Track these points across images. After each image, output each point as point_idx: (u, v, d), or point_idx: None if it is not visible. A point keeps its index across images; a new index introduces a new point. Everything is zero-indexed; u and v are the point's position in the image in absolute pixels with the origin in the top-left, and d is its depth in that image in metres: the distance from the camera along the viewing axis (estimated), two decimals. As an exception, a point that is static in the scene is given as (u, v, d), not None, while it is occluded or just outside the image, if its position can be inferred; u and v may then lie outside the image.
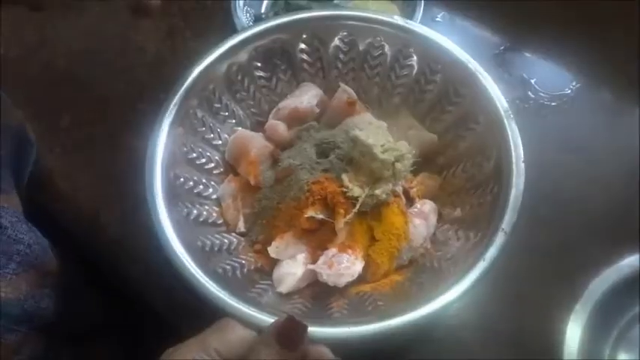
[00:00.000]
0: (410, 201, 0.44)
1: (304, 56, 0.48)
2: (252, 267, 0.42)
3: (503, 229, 0.36)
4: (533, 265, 0.46)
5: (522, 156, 0.39)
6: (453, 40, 0.45)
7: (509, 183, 0.39)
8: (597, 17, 0.60)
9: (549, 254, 0.47)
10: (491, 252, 0.36)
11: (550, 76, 0.58)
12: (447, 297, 0.35)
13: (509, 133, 0.40)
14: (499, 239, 0.36)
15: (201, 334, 0.32)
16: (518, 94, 0.57)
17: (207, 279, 0.36)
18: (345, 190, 0.40)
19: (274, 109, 0.48)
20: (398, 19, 0.45)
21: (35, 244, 0.41)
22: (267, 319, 0.34)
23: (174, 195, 0.40)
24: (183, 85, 0.43)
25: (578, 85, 0.57)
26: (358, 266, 0.40)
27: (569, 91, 0.57)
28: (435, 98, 0.46)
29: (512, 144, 0.40)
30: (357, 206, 0.40)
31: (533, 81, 0.58)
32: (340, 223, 0.40)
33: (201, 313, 0.35)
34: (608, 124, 0.55)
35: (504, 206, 0.38)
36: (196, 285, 0.36)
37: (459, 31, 0.61)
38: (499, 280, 0.42)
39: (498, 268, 0.36)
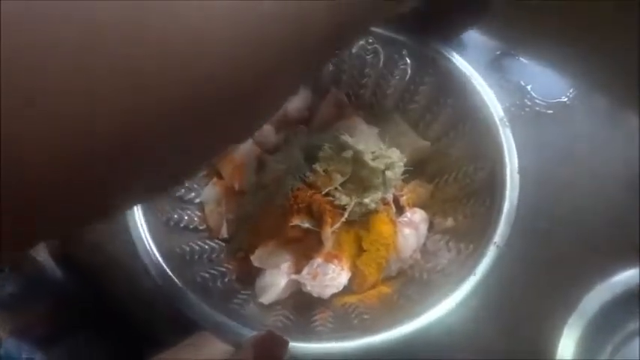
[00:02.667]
0: (400, 209, 0.42)
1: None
2: (234, 276, 0.40)
3: (495, 242, 0.35)
4: (527, 278, 0.44)
5: (517, 167, 0.38)
6: (448, 44, 0.43)
7: (502, 195, 0.37)
8: (596, 21, 0.58)
9: (544, 267, 0.45)
10: (483, 266, 0.34)
11: (547, 82, 0.56)
12: (436, 312, 0.33)
13: (504, 142, 0.39)
14: (491, 253, 0.35)
15: (173, 349, 0.30)
16: (514, 101, 0.55)
17: (186, 288, 0.34)
18: (332, 198, 0.39)
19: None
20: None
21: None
22: (249, 332, 0.33)
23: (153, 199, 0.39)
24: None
25: (575, 92, 0.56)
26: (344, 277, 0.38)
27: (567, 99, 0.55)
28: (428, 103, 0.45)
29: (506, 154, 0.38)
30: (345, 215, 0.38)
31: (529, 87, 0.56)
32: (327, 232, 0.38)
33: (183, 325, 0.33)
34: (607, 133, 0.54)
35: (497, 219, 0.36)
36: (175, 294, 0.34)
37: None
38: (491, 294, 0.40)
39: (490, 282, 0.35)
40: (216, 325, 0.33)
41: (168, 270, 0.34)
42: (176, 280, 0.34)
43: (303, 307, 0.39)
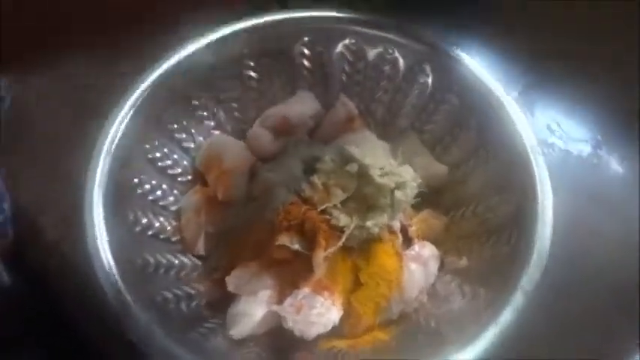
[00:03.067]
0: (407, 241, 0.36)
1: (304, 61, 0.42)
2: (203, 301, 0.34)
3: (522, 287, 0.29)
4: (549, 338, 0.38)
5: (551, 200, 0.32)
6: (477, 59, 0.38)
7: (533, 232, 0.31)
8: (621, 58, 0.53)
9: (569, 327, 0.38)
10: (507, 315, 0.28)
11: (577, 120, 0.51)
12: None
13: (536, 172, 0.33)
14: (517, 300, 0.28)
15: None
16: (542, 139, 0.50)
17: (136, 306, 0.28)
18: (329, 217, 0.33)
19: (261, 116, 0.41)
20: (415, 28, 0.39)
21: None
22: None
23: (121, 197, 0.33)
24: (157, 69, 0.37)
25: (607, 132, 0.50)
26: (334, 314, 0.32)
27: (598, 139, 0.50)
28: (449, 124, 0.40)
29: (539, 186, 0.33)
30: (343, 238, 0.32)
31: (558, 125, 0.51)
32: (319, 257, 0.32)
33: (132, 347, 0.27)
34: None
35: (525, 260, 0.30)
36: (123, 311, 0.28)
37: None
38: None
39: (514, 337, 0.28)
40: (168, 357, 0.26)
41: (119, 280, 0.28)
42: (126, 294, 0.27)
43: (280, 347, 0.32)
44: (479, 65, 0.38)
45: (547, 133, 0.50)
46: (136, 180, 0.35)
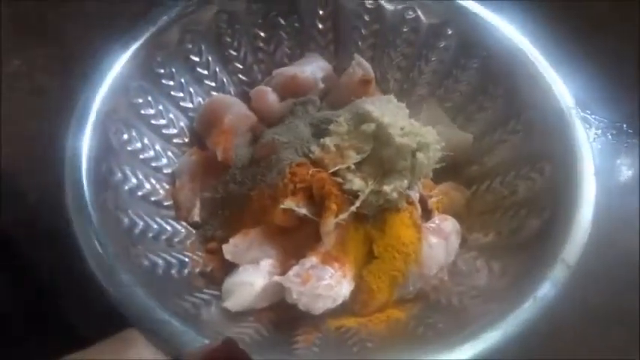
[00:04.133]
0: (427, 214, 0.32)
1: (316, 21, 0.38)
2: (198, 269, 0.30)
3: (564, 259, 0.25)
4: (581, 335, 0.34)
5: (593, 167, 0.28)
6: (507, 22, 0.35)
7: (572, 202, 0.27)
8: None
9: (606, 316, 0.34)
10: (547, 288, 0.24)
11: (605, 102, 0.48)
12: (473, 346, 0.22)
13: (575, 135, 0.30)
14: (559, 273, 0.24)
15: (92, 348, 0.21)
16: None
17: (120, 266, 0.24)
18: (341, 180, 0.29)
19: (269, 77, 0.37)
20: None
21: None
22: (199, 341, 0.22)
23: (107, 152, 0.29)
24: (156, 21, 0.33)
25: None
26: (345, 288, 0.28)
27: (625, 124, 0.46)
28: (473, 92, 0.36)
29: (578, 150, 0.29)
30: (357, 204, 0.28)
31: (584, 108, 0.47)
32: (329, 224, 0.28)
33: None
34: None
35: (565, 231, 0.26)
36: (102, 271, 0.24)
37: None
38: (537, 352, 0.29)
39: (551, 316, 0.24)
40: (153, 323, 0.23)
41: (100, 233, 0.24)
42: (107, 252, 0.24)
43: (282, 323, 0.28)
44: (508, 24, 0.34)
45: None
46: (125, 136, 0.31)
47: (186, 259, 0.30)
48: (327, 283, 0.27)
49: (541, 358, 0.31)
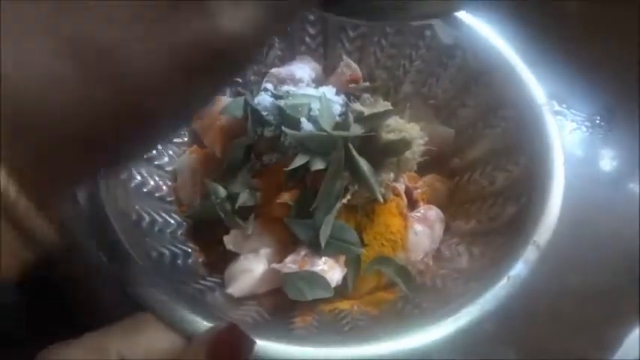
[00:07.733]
0: (412, 204, 0.35)
1: (306, 25, 0.41)
2: (201, 259, 0.32)
3: (535, 241, 0.28)
4: (556, 311, 0.37)
5: (562, 157, 0.31)
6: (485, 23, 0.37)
7: (543, 189, 0.30)
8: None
9: (577, 294, 0.37)
10: (519, 269, 0.26)
11: (581, 95, 0.50)
12: (455, 321, 0.25)
13: (547, 129, 0.32)
14: (530, 254, 0.27)
15: (102, 329, 0.22)
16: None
17: (132, 252, 0.26)
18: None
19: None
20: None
21: None
22: (205, 324, 0.25)
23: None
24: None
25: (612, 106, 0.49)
26: (337, 274, 0.30)
27: (601, 114, 0.49)
28: (455, 89, 0.39)
29: (549, 143, 0.32)
30: (348, 196, 0.31)
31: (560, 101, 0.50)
32: (322, 215, 0.31)
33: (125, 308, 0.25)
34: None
35: (537, 216, 0.29)
36: (116, 258, 0.26)
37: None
38: (514, 313, 0.32)
39: (520, 295, 0.27)
40: (164, 307, 0.25)
41: (115, 227, 0.26)
42: (123, 243, 0.26)
43: (281, 307, 0.30)
44: (485, 25, 0.37)
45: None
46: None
47: (189, 250, 0.32)
48: (321, 269, 0.30)
49: (519, 331, 0.34)
